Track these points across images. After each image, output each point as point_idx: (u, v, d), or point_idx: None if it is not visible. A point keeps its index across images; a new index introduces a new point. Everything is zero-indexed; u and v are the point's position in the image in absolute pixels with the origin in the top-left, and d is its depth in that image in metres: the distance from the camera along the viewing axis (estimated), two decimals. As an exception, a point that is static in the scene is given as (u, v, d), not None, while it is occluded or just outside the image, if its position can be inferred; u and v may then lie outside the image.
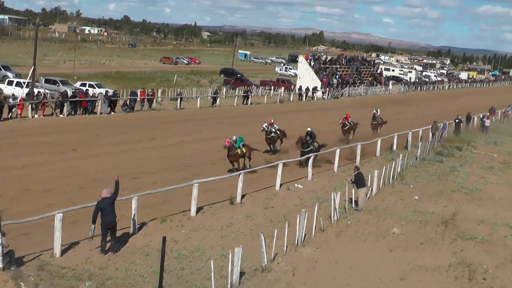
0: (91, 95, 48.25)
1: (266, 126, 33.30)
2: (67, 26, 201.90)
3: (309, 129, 31.64)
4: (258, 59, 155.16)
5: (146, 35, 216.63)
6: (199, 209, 21.60)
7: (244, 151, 27.84)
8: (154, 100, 51.42)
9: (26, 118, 40.01)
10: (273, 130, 33.52)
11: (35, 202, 20.63)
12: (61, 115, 42.67)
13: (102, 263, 16.23)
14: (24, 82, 47.73)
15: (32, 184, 23.49)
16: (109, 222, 16.91)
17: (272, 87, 72.21)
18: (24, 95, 44.19)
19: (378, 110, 43.36)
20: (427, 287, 16.25)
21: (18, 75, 54.36)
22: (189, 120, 44.58)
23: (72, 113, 43.59)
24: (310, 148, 30.15)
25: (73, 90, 48.75)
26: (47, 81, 52.04)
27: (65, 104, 43.55)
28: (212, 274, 14.32)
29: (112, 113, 46.12)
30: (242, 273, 15.63)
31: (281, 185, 25.91)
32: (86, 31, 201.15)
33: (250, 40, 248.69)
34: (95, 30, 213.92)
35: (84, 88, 51.07)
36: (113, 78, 69.47)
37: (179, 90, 57.86)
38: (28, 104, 41.53)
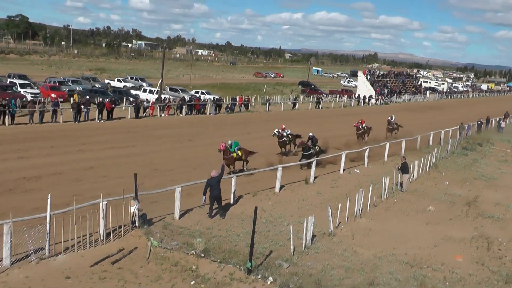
0: (202, 100, 50.24)
1: (277, 131, 29.95)
2: (185, 49, 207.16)
3: (310, 133, 28.34)
4: (327, 74, 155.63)
5: (243, 56, 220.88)
6: (281, 187, 22.42)
7: (240, 154, 24.56)
8: (249, 104, 52.90)
9: (156, 117, 42.36)
10: (285, 134, 30.19)
11: (161, 179, 21.78)
12: (180, 115, 44.58)
13: (209, 225, 17.21)
14: (154, 90, 50.13)
15: (159, 165, 24.98)
16: (215, 195, 17.84)
17: (338, 95, 73.21)
18: (154, 99, 46.14)
19: (393, 116, 39.73)
20: (454, 253, 16.33)
21: (150, 85, 56.67)
22: (275, 120, 44.56)
23: (189, 113, 45.64)
24: (310, 152, 26.96)
25: (190, 96, 51.25)
26: (171, 89, 54.84)
27: (184, 106, 45.44)
28: (291, 235, 15.06)
29: (218, 113, 47.96)
30: (313, 236, 16.20)
31: (344, 170, 26.53)
32: (199, 53, 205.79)
33: (321, 60, 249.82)
34: (205, 52, 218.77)
35: (197, 95, 53.54)
36: (218, 87, 70.80)
37: (267, 97, 59.39)
38: (157, 106, 43.64)
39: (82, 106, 36.97)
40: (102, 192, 16.26)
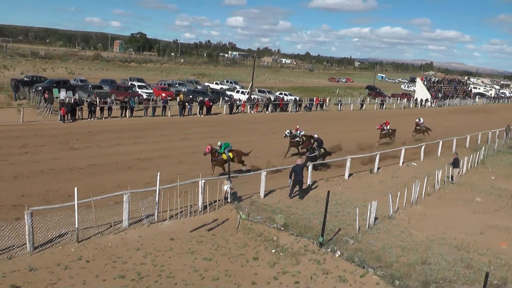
0: (285, 100, 49.95)
1: (288, 132, 25.95)
2: (272, 58, 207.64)
3: (315, 135, 24.94)
4: (390, 79, 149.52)
5: (319, 64, 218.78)
6: (350, 175, 21.95)
7: (232, 156, 20.58)
8: (324, 105, 52.09)
9: (246, 113, 42.71)
10: (298, 135, 26.08)
11: (249, 164, 21.81)
12: (267, 112, 44.57)
13: (288, 204, 17.20)
14: (245, 91, 50.91)
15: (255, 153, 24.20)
16: (298, 179, 17.81)
17: (399, 98, 70.55)
18: (246, 99, 46.80)
19: (422, 119, 35.20)
20: (499, 241, 15.44)
21: (242, 87, 57.09)
22: (345, 118, 44.28)
23: (274, 110, 45.42)
24: (314, 154, 23.27)
25: (275, 97, 51.13)
26: (259, 91, 54.93)
27: (270, 105, 45.48)
28: (357, 216, 14.87)
29: (298, 111, 47.50)
30: (375, 218, 15.82)
31: (403, 162, 25.53)
32: (283, 61, 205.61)
33: (385, 67, 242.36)
34: (288, 61, 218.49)
35: (281, 95, 53.24)
36: (298, 90, 70.26)
37: (339, 98, 58.31)
38: (247, 104, 43.98)
39: (186, 104, 38.02)
40: (201, 173, 16.70)
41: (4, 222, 12.82)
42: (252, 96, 48.49)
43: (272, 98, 48.88)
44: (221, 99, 45.74)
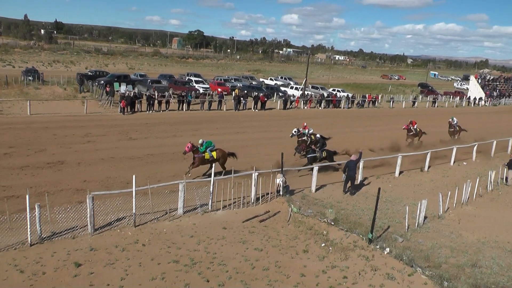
0: (338, 96, 49.30)
1: (295, 131, 23.24)
2: (325, 55, 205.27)
3: (318, 135, 22.51)
4: (443, 77, 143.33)
5: (372, 61, 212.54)
6: (400, 172, 21.47)
7: (215, 156, 18.91)
8: (376, 101, 51.14)
9: (300, 109, 42.68)
10: (306, 134, 23.08)
11: (303, 159, 21.70)
12: (319, 108, 44.25)
13: (339, 199, 17.08)
14: (299, 87, 50.61)
15: (293, 148, 23.54)
16: (351, 175, 17.75)
17: (451, 96, 67.66)
18: (299, 95, 46.66)
19: (455, 119, 32.34)
20: None
21: (296, 83, 56.64)
22: (397, 115, 42.92)
23: (327, 106, 44.94)
24: (314, 155, 20.88)
25: (328, 93, 50.57)
26: (313, 87, 54.40)
27: (323, 101, 45.07)
28: (406, 214, 14.59)
29: (350, 108, 46.82)
30: (425, 217, 15.41)
31: (454, 162, 24.62)
32: (336, 58, 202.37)
33: (438, 65, 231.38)
34: (341, 57, 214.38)
35: (334, 92, 52.65)
36: (351, 86, 68.93)
37: (391, 95, 56.99)
38: (301, 100, 43.87)
39: (242, 98, 38.40)
40: (254, 165, 16.87)
41: (68, 204, 13.63)
42: (306, 92, 48.23)
43: (325, 94, 48.42)
44: (275, 95, 45.87)
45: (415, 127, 29.41)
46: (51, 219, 12.40)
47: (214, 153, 18.96)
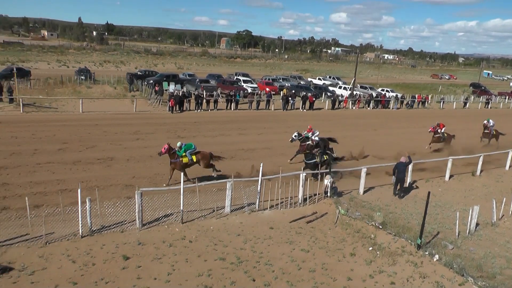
0: (387, 96, 47.82)
1: (296, 135, 21.09)
2: (374, 54, 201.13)
3: (317, 138, 20.61)
4: (497, 76, 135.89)
5: (422, 60, 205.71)
6: (450, 176, 20.52)
7: (194, 160, 17.36)
8: (426, 102, 49.32)
9: (348, 109, 41.91)
10: (310, 137, 20.95)
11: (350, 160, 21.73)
12: (368, 108, 43.18)
13: (387, 202, 16.57)
14: (347, 87, 49.71)
15: (349, 147, 23.64)
16: (400, 177, 17.17)
17: (507, 97, 63.99)
18: (348, 95, 45.82)
19: (491, 121, 29.15)
20: None
21: (344, 83, 55.70)
22: (447, 116, 41.29)
23: (375, 107, 43.81)
24: (314, 161, 18.59)
25: (376, 93, 49.09)
26: (361, 87, 52.57)
27: (371, 101, 43.92)
28: (457, 221, 13.98)
29: (399, 108, 45.43)
30: (477, 224, 14.70)
31: (510, 166, 23.43)
32: (385, 57, 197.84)
33: (492, 63, 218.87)
34: (390, 56, 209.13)
35: (383, 92, 50.96)
36: (400, 86, 66.69)
37: (442, 96, 54.57)
38: (349, 100, 43.04)
39: (290, 98, 38.18)
40: (302, 166, 16.70)
41: (117, 199, 13.98)
42: (354, 92, 47.35)
43: (374, 94, 47.33)
44: (323, 95, 45.29)
45: (442, 130, 26.84)
46: (101, 213, 12.79)
47: (194, 157, 17.44)
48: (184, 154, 17.12)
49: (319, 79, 62.64)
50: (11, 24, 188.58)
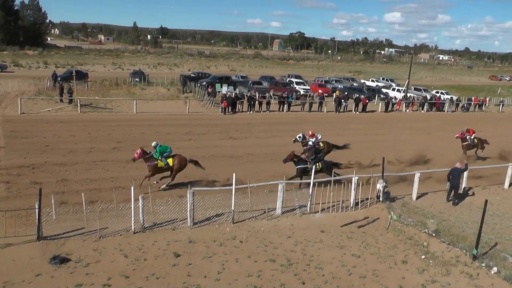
0: (442, 99, 46.08)
1: (300, 136, 19.85)
2: (429, 54, 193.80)
3: (310, 142, 18.88)
4: None
5: (479, 60, 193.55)
6: (510, 184, 19.28)
7: (170, 163, 16.12)
8: (483, 105, 46.81)
9: (401, 111, 40.73)
10: (312, 141, 19.34)
11: (402, 164, 21.00)
12: (422, 111, 41.72)
13: (441, 209, 15.87)
14: (401, 89, 48.25)
15: (401, 151, 22.93)
16: (455, 184, 16.41)
17: None
18: (401, 97, 44.46)
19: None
20: None
21: (397, 85, 54.06)
22: (506, 120, 39.54)
23: (429, 110, 42.26)
24: (305, 166, 16.85)
25: (431, 95, 47.12)
26: (415, 89, 51.19)
27: (425, 104, 42.35)
28: None
29: (454, 111, 43.51)
30: None
31: None
32: (440, 58, 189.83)
33: None
34: (446, 57, 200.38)
35: (437, 94, 49.11)
36: (455, 88, 63.92)
37: (501, 98, 51.42)
38: (403, 102, 41.85)
39: (342, 100, 37.62)
40: (354, 169, 16.38)
41: (169, 198, 14.20)
42: (408, 94, 45.90)
43: (428, 97, 45.64)
44: (376, 97, 44.22)
45: (472, 136, 23.90)
46: (153, 210, 13.12)
47: (170, 160, 16.30)
48: (159, 158, 16.11)
49: (372, 80, 61.31)
50: (72, 29, 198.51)
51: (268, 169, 19.19)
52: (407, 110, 41.47)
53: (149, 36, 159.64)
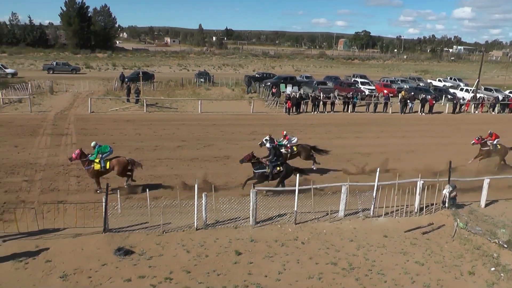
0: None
1: (266, 139, 17.50)
2: (501, 52, 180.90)
3: (268, 145, 16.66)
4: None
5: None
6: None
7: (108, 167, 14.90)
8: None
9: (470, 113, 38.36)
10: (285, 145, 18.07)
11: (471, 169, 19.79)
12: (493, 112, 39.08)
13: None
14: (470, 89, 45.42)
15: (470, 156, 21.26)
16: None
17: None
18: (470, 97, 41.87)
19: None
20: None
21: (466, 85, 51.16)
22: None
23: (501, 111, 39.38)
24: (263, 171, 15.61)
25: (503, 96, 43.88)
26: (485, 89, 48.04)
27: (497, 105, 39.69)
28: None
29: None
30: None
31: None
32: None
33: None
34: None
35: (511, 95, 45.41)
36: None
37: None
38: (472, 103, 39.56)
39: (408, 101, 36.15)
40: (420, 172, 15.61)
41: (232, 196, 14.26)
42: (478, 95, 43.20)
43: (500, 97, 42.55)
44: (443, 97, 41.95)
45: (494, 142, 20.56)
46: (216, 208, 13.27)
47: (108, 164, 15.07)
48: (97, 160, 14.96)
49: (439, 80, 58.37)
50: (139, 33, 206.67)
51: (332, 171, 18.83)
52: (476, 112, 39.05)
53: (214, 38, 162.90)
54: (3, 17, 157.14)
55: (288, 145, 18.16)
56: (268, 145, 16.74)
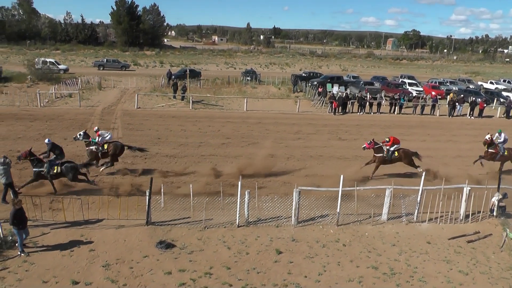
0: None
1: (80, 134, 16.93)
2: None
3: (47, 140, 15.23)
4: None
5: None
6: None
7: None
8: None
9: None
10: (94, 142, 16.77)
11: None
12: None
13: None
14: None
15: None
16: None
17: None
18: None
19: (503, 134, 19.44)
20: None
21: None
22: None
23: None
24: (40, 170, 13.98)
25: None
26: None
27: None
28: None
29: None
30: None
31: None
32: None
33: None
34: None
35: None
36: None
37: None
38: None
39: (457, 103, 34.57)
40: (467, 179, 14.90)
41: (275, 195, 14.19)
42: (533, 99, 40.60)
43: None
44: (495, 101, 39.81)
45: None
46: (258, 206, 13.21)
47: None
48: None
49: (491, 83, 55.35)
50: (187, 31, 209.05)
51: (377, 173, 18.24)
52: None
53: (261, 37, 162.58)
54: (59, 17, 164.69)
55: (100, 142, 16.79)
56: (47, 140, 15.43)
